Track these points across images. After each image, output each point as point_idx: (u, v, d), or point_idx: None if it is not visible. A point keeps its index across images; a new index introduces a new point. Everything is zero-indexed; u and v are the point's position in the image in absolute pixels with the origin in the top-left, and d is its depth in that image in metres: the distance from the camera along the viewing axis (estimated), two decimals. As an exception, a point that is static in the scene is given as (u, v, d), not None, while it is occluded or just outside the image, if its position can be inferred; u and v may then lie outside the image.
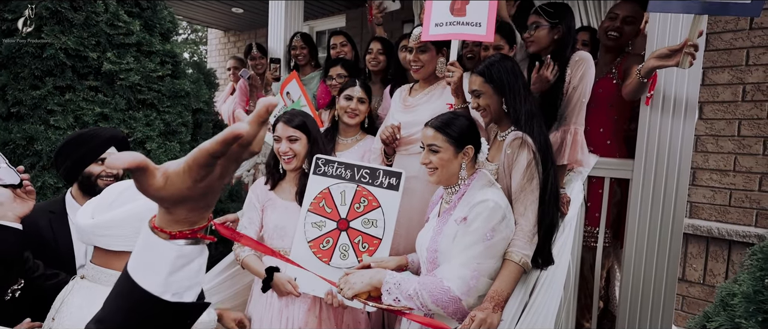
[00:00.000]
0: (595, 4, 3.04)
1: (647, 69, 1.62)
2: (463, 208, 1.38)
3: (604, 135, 2.06)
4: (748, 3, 1.29)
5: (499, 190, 1.44)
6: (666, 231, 1.92)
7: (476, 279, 1.32)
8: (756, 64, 2.60)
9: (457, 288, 1.29)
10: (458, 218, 1.38)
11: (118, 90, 2.17)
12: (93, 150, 1.58)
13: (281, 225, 1.76)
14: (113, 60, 2.14)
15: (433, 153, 1.41)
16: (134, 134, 2.18)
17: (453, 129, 1.40)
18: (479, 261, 1.33)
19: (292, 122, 1.75)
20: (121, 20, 2.19)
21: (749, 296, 0.75)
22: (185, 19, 5.80)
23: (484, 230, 1.33)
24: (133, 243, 0.98)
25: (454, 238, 1.37)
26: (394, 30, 4.47)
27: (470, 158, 1.42)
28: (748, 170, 2.65)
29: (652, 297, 1.97)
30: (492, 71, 1.52)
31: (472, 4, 1.52)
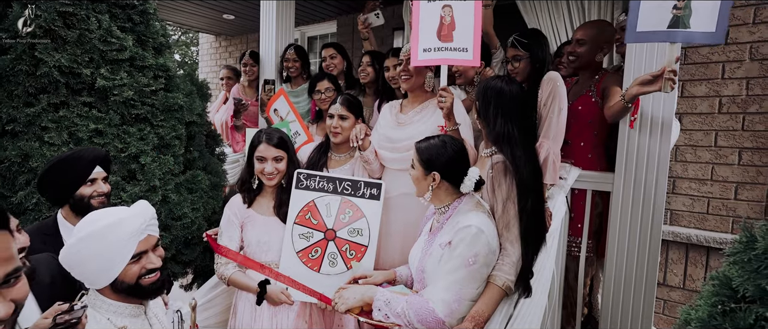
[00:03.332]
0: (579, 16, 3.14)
1: (631, 95, 1.71)
2: (449, 232, 1.45)
3: (585, 149, 2.14)
4: (713, 32, 1.38)
5: (485, 213, 1.51)
6: (645, 240, 2.01)
7: (458, 303, 1.39)
8: (731, 77, 2.71)
9: (440, 311, 1.36)
10: (443, 243, 1.44)
11: (112, 105, 2.20)
12: (80, 173, 1.60)
13: (264, 240, 1.82)
14: (107, 76, 2.17)
15: (412, 168, 1.54)
16: (128, 148, 2.20)
17: (423, 149, 1.51)
18: (461, 285, 1.40)
19: (274, 141, 1.82)
20: (114, 36, 2.21)
21: (704, 321, 0.82)
22: (176, 25, 5.79)
23: (467, 256, 1.39)
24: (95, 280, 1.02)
25: (439, 261, 1.44)
26: (385, 37, 4.53)
27: (437, 183, 1.48)
28: (725, 180, 2.76)
29: (632, 302, 2.06)
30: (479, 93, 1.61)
31: (458, 30, 1.59)
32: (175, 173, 2.37)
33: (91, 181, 1.62)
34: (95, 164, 1.63)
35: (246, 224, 1.86)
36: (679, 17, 1.42)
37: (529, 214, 1.49)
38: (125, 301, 1.13)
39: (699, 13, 1.40)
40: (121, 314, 1.12)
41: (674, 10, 1.43)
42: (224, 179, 2.75)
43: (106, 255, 1.06)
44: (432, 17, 1.66)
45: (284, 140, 1.88)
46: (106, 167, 1.69)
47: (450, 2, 1.62)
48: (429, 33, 1.64)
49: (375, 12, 2.87)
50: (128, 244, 1.08)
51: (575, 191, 2.17)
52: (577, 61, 2.17)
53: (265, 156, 1.79)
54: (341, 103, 2.02)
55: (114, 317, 1.11)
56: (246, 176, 1.90)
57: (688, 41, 1.46)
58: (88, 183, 1.62)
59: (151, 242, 1.14)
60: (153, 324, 1.19)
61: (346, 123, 2.02)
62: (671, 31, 1.44)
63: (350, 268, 1.80)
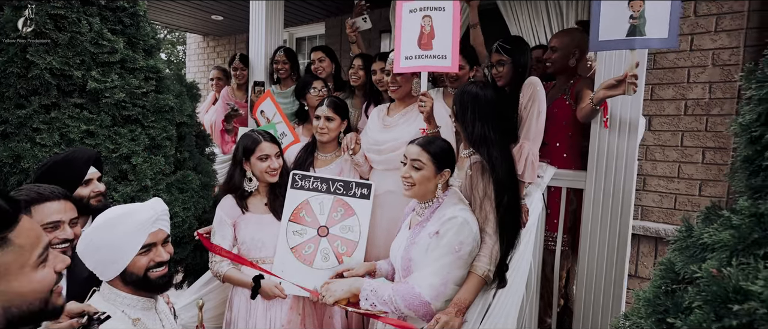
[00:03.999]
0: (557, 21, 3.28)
1: (598, 98, 1.85)
2: (436, 223, 1.55)
3: (560, 149, 2.28)
4: (666, 38, 1.53)
5: (467, 207, 1.62)
6: (615, 234, 2.15)
7: (445, 285, 1.50)
8: (695, 82, 2.89)
9: (427, 294, 1.46)
10: (431, 232, 1.55)
11: (104, 107, 2.24)
12: (76, 175, 1.64)
13: (257, 237, 1.90)
14: (98, 78, 2.21)
15: (415, 170, 1.57)
16: (120, 149, 2.25)
17: (438, 151, 1.57)
18: (448, 270, 1.51)
19: (269, 139, 1.93)
20: (105, 39, 2.25)
21: (649, 300, 0.94)
22: (164, 25, 5.78)
23: (454, 244, 1.50)
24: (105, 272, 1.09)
25: (426, 249, 1.54)
26: (372, 39, 4.62)
27: (445, 180, 1.59)
28: (690, 177, 2.94)
29: (603, 292, 2.20)
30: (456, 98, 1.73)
31: (437, 38, 1.70)
32: (166, 174, 2.43)
33: (87, 181, 1.67)
34: (89, 165, 1.68)
35: (239, 223, 1.93)
36: (636, 26, 1.56)
37: (505, 209, 1.61)
38: (137, 294, 1.18)
39: (653, 21, 1.54)
40: (135, 307, 1.17)
41: (631, 19, 1.56)
42: (214, 178, 2.80)
43: (117, 243, 1.11)
44: (413, 27, 1.76)
45: (273, 136, 2.00)
46: (98, 167, 1.74)
47: (430, 12, 1.73)
48: (410, 42, 1.74)
49: (362, 16, 2.96)
50: (138, 234, 1.13)
51: (551, 188, 2.30)
52: (551, 67, 2.31)
53: (269, 154, 1.88)
54: (328, 105, 2.12)
55: (128, 309, 1.16)
56: (239, 181, 1.94)
57: (645, 47, 1.60)
58: (84, 184, 1.66)
59: (160, 236, 1.19)
60: (163, 319, 1.25)
61: (332, 124, 2.11)
62: (629, 39, 1.57)
63: (342, 263, 1.90)
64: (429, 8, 1.75)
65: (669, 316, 0.81)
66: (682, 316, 0.72)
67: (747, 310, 0.62)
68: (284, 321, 1.85)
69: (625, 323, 1.02)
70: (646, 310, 0.92)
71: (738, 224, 0.72)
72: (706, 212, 0.93)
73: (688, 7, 2.89)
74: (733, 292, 0.65)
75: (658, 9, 1.55)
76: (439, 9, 1.73)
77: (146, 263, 1.15)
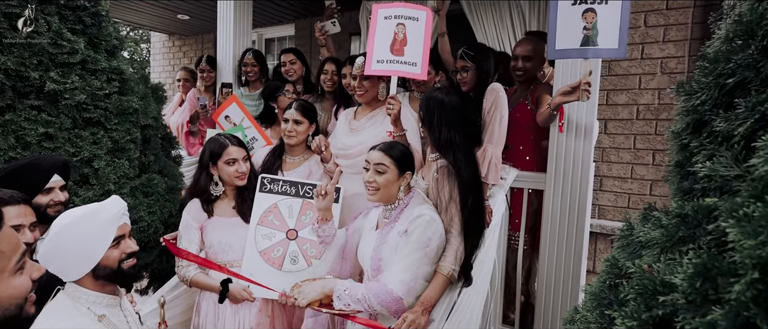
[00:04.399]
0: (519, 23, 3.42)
1: (556, 104, 1.95)
2: (404, 222, 1.61)
3: (523, 152, 2.39)
4: (616, 48, 1.65)
5: (431, 205, 1.69)
6: (573, 232, 2.28)
7: (415, 281, 1.56)
8: (646, 88, 3.08)
9: (398, 290, 1.51)
10: (400, 231, 1.61)
11: (63, 109, 2.17)
12: (37, 182, 1.60)
13: (225, 241, 1.90)
14: (57, 79, 2.14)
15: (379, 174, 1.62)
16: (81, 152, 2.19)
17: (400, 155, 1.63)
18: (417, 266, 1.57)
19: (237, 142, 1.93)
20: (64, 39, 2.18)
21: (595, 294, 1.03)
22: (127, 23, 5.58)
23: (422, 240, 1.57)
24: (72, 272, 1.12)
25: (396, 248, 1.60)
26: (342, 41, 4.64)
27: (407, 182, 1.65)
28: (642, 178, 3.14)
29: (562, 288, 2.32)
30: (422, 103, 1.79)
31: (409, 46, 1.76)
32: (130, 177, 2.37)
33: (48, 190, 1.63)
34: (53, 173, 1.64)
35: (206, 227, 1.92)
36: (589, 36, 1.67)
37: (469, 211, 1.68)
38: (102, 291, 1.21)
39: (604, 32, 1.66)
40: (100, 304, 1.20)
41: (584, 30, 1.68)
42: (181, 182, 2.76)
43: (90, 238, 1.15)
44: (387, 32, 1.82)
45: (240, 139, 2.00)
46: (64, 175, 1.70)
47: (404, 21, 1.79)
48: (383, 46, 1.80)
49: (332, 20, 2.98)
50: (109, 228, 1.18)
51: (514, 190, 2.40)
52: (524, 75, 2.39)
53: (237, 158, 1.88)
54: (296, 108, 2.13)
55: (93, 307, 1.18)
56: (206, 185, 1.93)
57: (597, 57, 1.72)
58: (44, 192, 1.62)
59: (127, 229, 1.25)
60: (127, 315, 1.26)
61: (301, 127, 2.13)
62: (583, 48, 1.69)
63: (310, 265, 1.92)
64: (403, 17, 1.81)
65: (610, 308, 0.89)
66: (619, 308, 0.80)
67: (671, 301, 0.70)
68: (253, 324, 1.86)
69: (575, 316, 1.10)
70: (592, 303, 0.99)
71: (666, 224, 0.80)
72: (644, 212, 1.02)
73: (638, 19, 3.08)
74: (660, 285, 0.73)
75: (608, 21, 1.67)
76: (414, 18, 1.80)
77: (118, 255, 1.20)
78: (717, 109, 0.85)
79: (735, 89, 0.85)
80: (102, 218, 1.18)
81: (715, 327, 0.50)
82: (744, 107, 0.78)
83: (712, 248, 0.65)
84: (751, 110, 0.76)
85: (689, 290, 0.62)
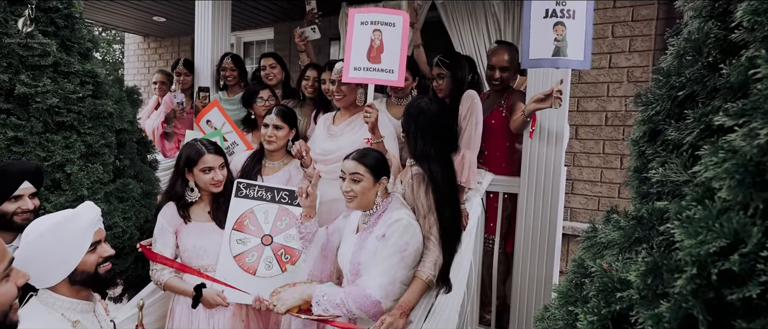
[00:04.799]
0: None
1: (529, 110, 2.04)
2: (382, 226, 1.65)
3: (499, 158, 2.47)
4: (582, 60, 1.75)
5: (409, 210, 1.74)
6: (545, 234, 2.36)
7: (393, 285, 1.59)
8: (613, 95, 3.23)
9: (377, 294, 1.55)
10: (378, 236, 1.64)
11: (34, 113, 2.12)
12: (4, 189, 1.56)
13: (200, 245, 1.90)
14: (27, 82, 2.09)
15: (355, 183, 1.65)
16: (53, 157, 2.14)
17: (374, 163, 1.66)
18: (395, 270, 1.60)
19: (213, 150, 1.91)
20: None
21: (563, 292, 1.09)
22: (100, 24, 5.45)
23: (400, 244, 1.61)
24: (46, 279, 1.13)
25: (374, 252, 1.63)
26: (322, 46, 4.65)
27: (384, 187, 1.69)
28: (611, 181, 3.27)
29: (535, 288, 2.40)
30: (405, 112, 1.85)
31: (386, 53, 1.80)
32: (104, 182, 2.33)
33: (16, 197, 1.59)
34: (22, 180, 1.60)
35: (181, 231, 1.91)
36: (559, 47, 1.77)
37: (446, 220, 1.73)
38: (77, 297, 1.21)
39: (572, 44, 1.76)
40: (74, 310, 1.19)
41: (555, 41, 1.77)
42: (157, 186, 2.72)
43: (67, 245, 1.15)
44: (363, 39, 1.85)
45: (219, 146, 1.99)
46: (36, 182, 1.66)
47: (380, 27, 1.83)
48: (360, 54, 1.83)
49: (312, 26, 3.00)
50: (86, 234, 1.19)
51: (490, 194, 2.48)
52: (500, 85, 2.46)
53: (212, 166, 1.87)
54: (276, 113, 2.14)
55: (67, 312, 1.18)
56: (181, 191, 1.92)
57: (567, 67, 1.81)
58: (12, 199, 1.58)
59: (102, 234, 1.27)
60: (101, 321, 1.26)
61: (281, 132, 2.14)
62: (554, 58, 1.78)
63: (285, 271, 1.93)
64: (380, 22, 1.84)
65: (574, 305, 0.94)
66: (582, 305, 0.86)
67: (627, 296, 0.76)
68: (227, 328, 1.86)
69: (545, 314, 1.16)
70: (560, 302, 1.05)
71: (624, 226, 0.87)
72: (606, 215, 1.09)
73: (606, 29, 3.22)
74: (618, 282, 0.79)
75: (575, 35, 1.77)
76: (390, 24, 1.83)
77: (95, 259, 1.22)
78: (669, 119, 0.92)
79: (685, 101, 0.92)
80: (79, 225, 1.18)
81: (660, 319, 0.56)
82: (692, 118, 0.85)
83: (663, 247, 0.71)
84: (698, 121, 0.83)
85: (642, 286, 0.68)
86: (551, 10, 1.76)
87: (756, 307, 0.52)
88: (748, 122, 0.58)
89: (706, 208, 0.59)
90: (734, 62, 0.76)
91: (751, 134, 0.56)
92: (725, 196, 0.57)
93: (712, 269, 0.53)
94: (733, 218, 0.55)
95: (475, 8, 3.59)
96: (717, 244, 0.55)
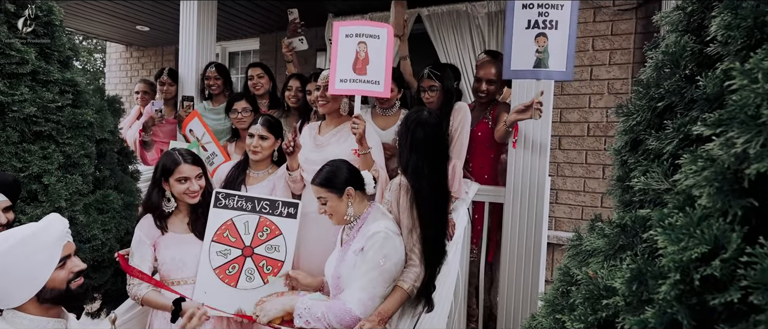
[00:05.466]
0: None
1: (511, 121, 2.07)
2: (361, 240, 1.64)
3: (484, 169, 2.49)
4: (564, 71, 1.78)
5: (391, 220, 1.72)
6: (531, 243, 2.38)
7: (372, 300, 1.58)
8: (595, 107, 3.31)
9: (357, 309, 1.53)
10: (357, 249, 1.63)
11: (10, 122, 2.06)
12: None
13: (179, 258, 1.86)
14: (4, 91, 2.03)
15: (324, 205, 1.68)
16: (29, 168, 2.08)
17: (331, 181, 1.67)
18: (374, 284, 1.59)
19: (190, 160, 1.87)
20: (13, 49, 2.08)
21: (549, 301, 1.09)
22: (81, 33, 5.35)
23: (378, 258, 1.59)
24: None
25: (353, 266, 1.62)
26: (308, 56, 4.66)
27: (354, 196, 1.68)
28: (593, 191, 3.33)
29: (522, 297, 2.41)
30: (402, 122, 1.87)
31: (371, 64, 1.81)
32: (83, 193, 2.27)
33: None
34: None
35: (159, 244, 1.87)
36: (541, 59, 1.80)
37: (431, 236, 1.72)
38: (46, 314, 1.14)
39: (554, 56, 1.79)
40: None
41: (536, 53, 1.80)
42: (138, 198, 2.66)
43: (35, 260, 1.08)
44: (348, 51, 1.86)
45: (197, 156, 1.95)
46: (12, 195, 1.60)
47: (365, 39, 1.84)
48: (345, 65, 1.84)
49: (299, 37, 3.01)
50: (54, 248, 1.12)
51: (475, 204, 2.49)
52: (487, 97, 2.49)
53: (188, 176, 1.83)
54: (262, 123, 2.12)
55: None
56: (158, 201, 1.88)
57: (548, 78, 1.85)
58: None
59: (72, 247, 1.19)
60: None
61: (266, 143, 2.11)
62: (536, 70, 1.81)
63: (267, 283, 1.89)
64: (365, 35, 1.86)
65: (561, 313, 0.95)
66: (569, 313, 0.87)
67: (613, 303, 0.77)
68: (207, 342, 1.81)
69: (532, 323, 1.16)
70: (547, 310, 1.06)
71: (609, 234, 0.88)
72: (590, 223, 1.10)
73: (587, 43, 3.31)
74: (604, 290, 0.80)
75: (558, 46, 1.80)
76: (374, 36, 1.85)
77: (66, 275, 1.14)
78: (650, 129, 0.95)
79: (664, 112, 0.95)
80: (46, 239, 1.11)
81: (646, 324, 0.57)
82: (671, 128, 0.87)
83: (647, 254, 0.72)
84: (677, 131, 0.86)
85: (627, 293, 0.69)
86: (533, 21, 1.80)
87: (738, 312, 0.53)
88: (725, 131, 0.60)
89: (687, 215, 0.60)
90: (710, 75, 0.79)
91: (727, 143, 0.58)
92: (705, 203, 0.58)
93: (694, 274, 0.54)
94: (713, 225, 0.56)
95: (460, 21, 3.66)
96: (699, 250, 0.56)
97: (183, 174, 1.83)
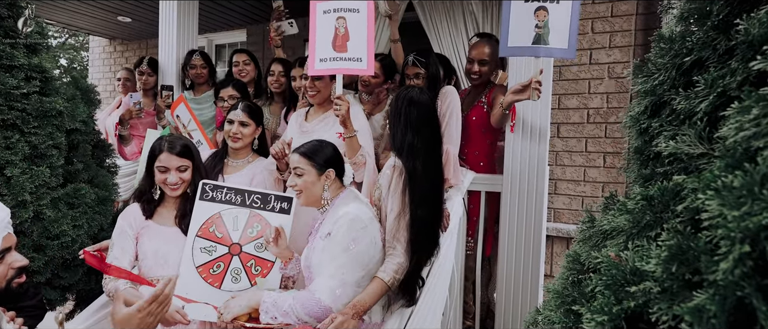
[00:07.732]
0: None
1: (507, 102, 1.94)
2: (328, 224, 1.52)
3: (479, 156, 2.36)
4: (566, 48, 1.64)
5: (363, 203, 1.59)
6: (530, 235, 2.26)
7: (342, 287, 1.45)
8: (595, 92, 3.19)
9: (327, 299, 1.41)
10: (324, 234, 1.50)
11: (-32, 110, 1.91)
12: None
13: (162, 252, 1.73)
14: (-39, 76, 1.88)
15: (298, 177, 1.54)
16: (-10, 159, 1.92)
17: (315, 154, 1.54)
18: (344, 271, 1.46)
19: (176, 150, 1.73)
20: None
21: (558, 292, 0.96)
22: (63, 25, 5.16)
23: (346, 241, 1.46)
24: None
25: (322, 252, 1.49)
26: (296, 47, 4.51)
27: (332, 180, 1.56)
28: (594, 180, 3.21)
29: (521, 291, 2.29)
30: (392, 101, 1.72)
31: (352, 41, 1.67)
32: (51, 187, 2.11)
33: None
34: None
35: (142, 235, 1.74)
36: (540, 35, 1.67)
37: (420, 223, 1.59)
38: None
39: (555, 31, 1.66)
40: None
41: (536, 28, 1.67)
42: (114, 192, 2.51)
43: None
44: (327, 28, 1.72)
45: (189, 147, 1.79)
46: None
47: (344, 14, 1.70)
48: (325, 44, 1.70)
49: (289, 21, 2.87)
50: None
51: (470, 193, 2.36)
52: (480, 79, 2.36)
53: (168, 166, 1.70)
54: (242, 109, 1.99)
55: None
56: (145, 186, 1.79)
57: (548, 56, 1.71)
58: None
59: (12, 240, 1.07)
60: None
61: (247, 130, 1.99)
62: (535, 47, 1.68)
63: (254, 284, 1.74)
64: (343, 9, 1.71)
65: (575, 305, 0.82)
66: (587, 303, 0.73)
67: (643, 290, 0.63)
68: (189, 347, 1.67)
69: (537, 317, 1.02)
70: (556, 302, 0.93)
71: (632, 209, 0.75)
72: (605, 201, 0.97)
73: (586, 25, 3.19)
74: (631, 274, 0.66)
75: (559, 21, 1.67)
76: (353, 10, 1.71)
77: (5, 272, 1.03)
78: (676, 88, 0.82)
79: (692, 68, 0.82)
80: None
81: (703, 313, 0.44)
82: (703, 84, 0.74)
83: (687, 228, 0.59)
84: (711, 87, 0.73)
85: (664, 276, 0.56)
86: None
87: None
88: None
89: (747, 173, 0.47)
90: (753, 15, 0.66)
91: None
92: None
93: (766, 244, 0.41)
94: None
95: (453, 7, 3.52)
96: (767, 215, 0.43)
97: (162, 163, 1.70)
